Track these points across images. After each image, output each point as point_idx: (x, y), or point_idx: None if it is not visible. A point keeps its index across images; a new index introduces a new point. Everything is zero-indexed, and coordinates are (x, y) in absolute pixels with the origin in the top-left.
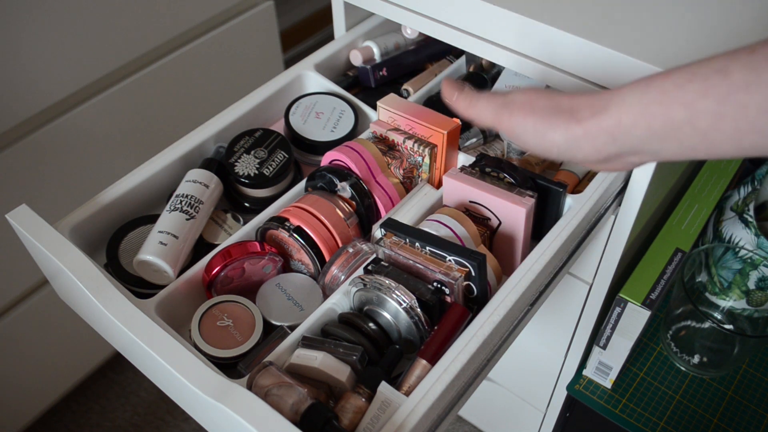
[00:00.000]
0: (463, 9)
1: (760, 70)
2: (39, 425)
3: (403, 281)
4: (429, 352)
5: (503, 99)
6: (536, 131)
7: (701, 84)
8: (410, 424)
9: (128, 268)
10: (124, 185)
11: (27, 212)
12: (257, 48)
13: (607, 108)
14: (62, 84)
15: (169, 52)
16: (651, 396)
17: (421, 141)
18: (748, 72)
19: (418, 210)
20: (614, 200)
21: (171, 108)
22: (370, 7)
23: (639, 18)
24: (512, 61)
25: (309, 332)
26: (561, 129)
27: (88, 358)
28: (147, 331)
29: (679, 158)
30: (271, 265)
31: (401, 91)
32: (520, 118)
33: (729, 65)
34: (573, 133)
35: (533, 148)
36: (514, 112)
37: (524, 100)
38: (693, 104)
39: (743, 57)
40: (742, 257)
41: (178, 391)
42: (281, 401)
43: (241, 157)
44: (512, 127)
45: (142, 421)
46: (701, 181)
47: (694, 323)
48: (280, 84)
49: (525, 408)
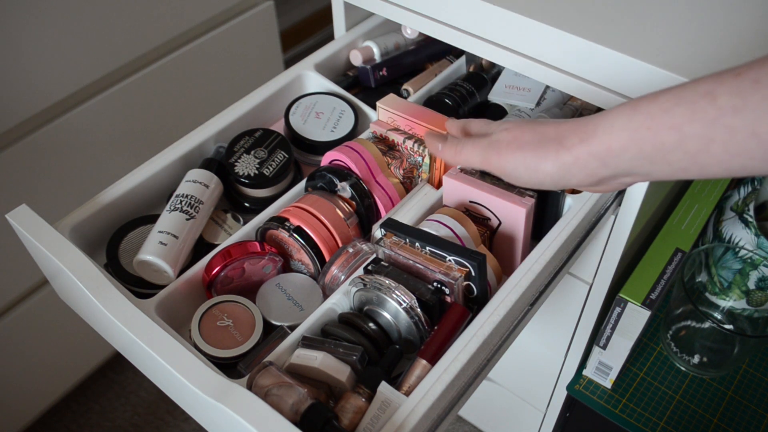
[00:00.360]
0: (463, 9)
1: (747, 95)
2: (39, 425)
3: (403, 281)
4: (429, 352)
5: (488, 140)
6: (527, 166)
7: (688, 108)
8: (410, 424)
9: (128, 268)
10: (124, 185)
11: (27, 212)
12: (257, 48)
13: (595, 133)
14: (62, 84)
15: (169, 52)
16: (651, 396)
17: (420, 141)
18: (734, 96)
19: (418, 210)
20: (614, 200)
21: (171, 108)
22: (370, 7)
23: (639, 18)
24: (512, 61)
25: (309, 332)
26: (551, 159)
27: (88, 358)
28: (147, 331)
29: (672, 178)
30: (271, 265)
31: (401, 91)
32: (509, 156)
33: (715, 89)
34: (563, 160)
35: (527, 183)
36: (501, 152)
37: (510, 138)
38: (681, 128)
39: (729, 80)
40: (742, 257)
41: (178, 391)
42: (281, 401)
43: (241, 157)
44: (502, 166)
45: (142, 421)
46: (701, 181)
47: (694, 323)
48: (280, 84)
49: (525, 408)
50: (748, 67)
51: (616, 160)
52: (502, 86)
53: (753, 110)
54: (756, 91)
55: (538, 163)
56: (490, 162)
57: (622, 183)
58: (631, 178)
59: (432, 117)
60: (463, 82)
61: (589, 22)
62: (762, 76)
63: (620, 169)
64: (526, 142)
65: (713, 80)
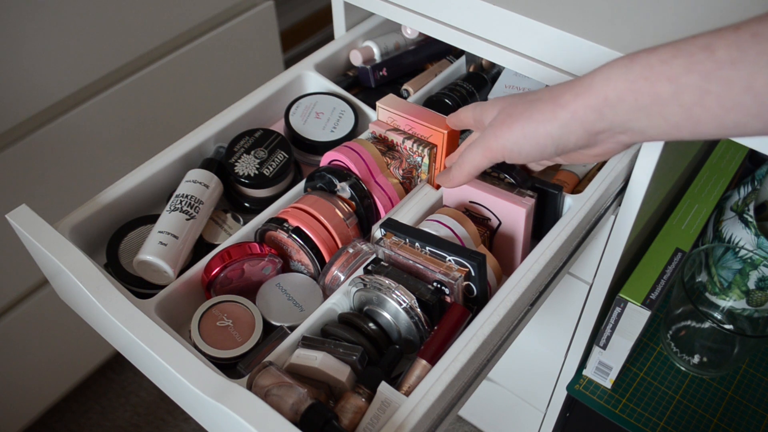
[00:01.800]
0: (463, 9)
1: (745, 48)
2: (39, 425)
3: (403, 281)
4: (429, 352)
5: (483, 132)
6: (526, 135)
7: (686, 59)
8: (410, 424)
9: (128, 268)
10: (124, 185)
11: (27, 212)
12: (257, 48)
13: (590, 86)
14: (62, 84)
15: (169, 52)
16: (651, 396)
17: (420, 141)
18: (733, 49)
19: (418, 210)
20: (614, 200)
21: (171, 108)
22: (370, 7)
23: (640, 18)
24: (512, 61)
25: (309, 332)
26: (548, 120)
27: (88, 358)
28: (147, 331)
29: (666, 137)
30: (270, 266)
31: (401, 91)
32: (508, 133)
33: (714, 42)
34: (560, 118)
35: (529, 154)
36: (498, 133)
37: (503, 116)
38: (678, 79)
39: (728, 34)
40: (742, 257)
41: (178, 391)
42: (281, 401)
43: (241, 157)
44: (504, 145)
45: (142, 421)
46: (701, 181)
47: (694, 323)
48: (280, 84)
49: (525, 408)
50: (748, 22)
51: (612, 111)
52: (502, 86)
53: (750, 63)
54: (754, 44)
55: (537, 127)
56: (492, 148)
57: (618, 142)
58: (627, 135)
59: (432, 117)
60: (463, 82)
61: (590, 22)
62: (761, 29)
63: (616, 122)
64: (520, 114)
65: (713, 34)
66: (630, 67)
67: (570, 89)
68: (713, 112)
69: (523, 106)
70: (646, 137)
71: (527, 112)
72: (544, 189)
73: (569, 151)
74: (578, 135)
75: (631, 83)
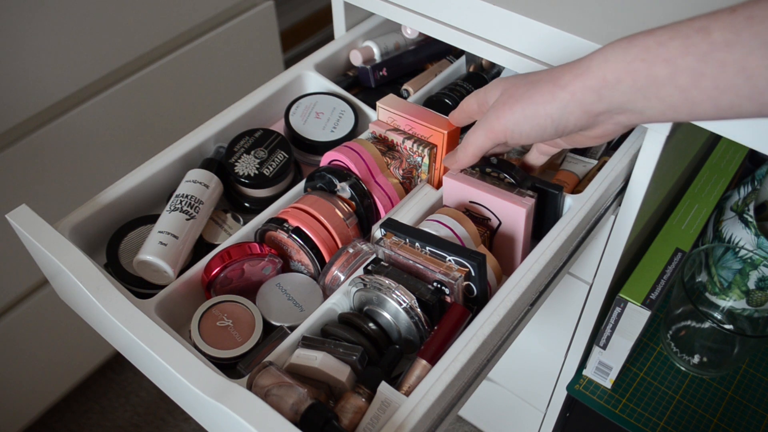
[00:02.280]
0: (463, 9)
1: (740, 30)
2: (39, 425)
3: (403, 281)
4: (429, 352)
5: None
6: (526, 116)
7: (683, 41)
8: (410, 424)
9: (128, 268)
10: (124, 185)
11: (27, 212)
12: (257, 48)
13: (589, 68)
14: (62, 84)
15: (169, 52)
16: (651, 396)
17: (420, 141)
18: (728, 31)
19: (418, 210)
20: (614, 200)
21: (171, 108)
22: (370, 7)
23: (640, 18)
24: (512, 61)
25: (309, 332)
26: (548, 100)
27: (88, 358)
28: (147, 331)
29: (664, 119)
30: (270, 266)
31: (401, 91)
32: (509, 114)
33: (710, 24)
34: (560, 99)
35: (529, 134)
36: (499, 113)
37: (504, 98)
38: (674, 61)
39: (724, 17)
40: (742, 257)
41: (178, 391)
42: (281, 401)
43: (241, 157)
44: (505, 126)
45: (142, 421)
46: (701, 181)
47: (694, 323)
48: (280, 84)
49: (525, 408)
50: (744, 5)
51: (610, 92)
52: None
53: (744, 45)
54: (749, 26)
55: (537, 108)
56: (495, 129)
57: (617, 123)
58: (626, 116)
59: (432, 117)
60: (463, 82)
61: (590, 22)
62: (756, 12)
63: (614, 103)
64: (521, 95)
65: (709, 16)
66: (628, 49)
67: (570, 70)
68: (708, 93)
69: (524, 87)
70: (645, 118)
71: (528, 93)
72: (544, 189)
73: (569, 132)
74: (577, 116)
75: (628, 64)
